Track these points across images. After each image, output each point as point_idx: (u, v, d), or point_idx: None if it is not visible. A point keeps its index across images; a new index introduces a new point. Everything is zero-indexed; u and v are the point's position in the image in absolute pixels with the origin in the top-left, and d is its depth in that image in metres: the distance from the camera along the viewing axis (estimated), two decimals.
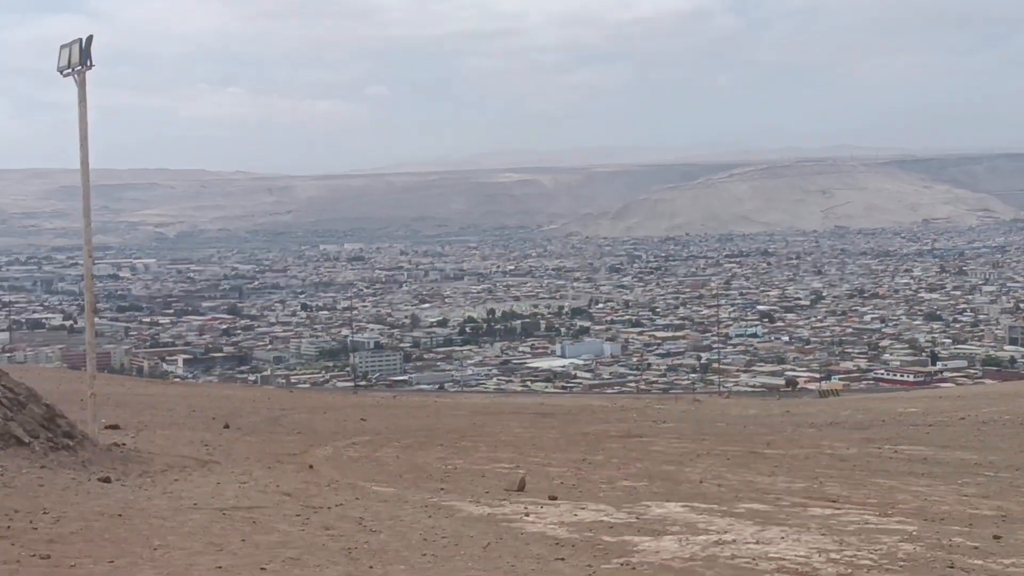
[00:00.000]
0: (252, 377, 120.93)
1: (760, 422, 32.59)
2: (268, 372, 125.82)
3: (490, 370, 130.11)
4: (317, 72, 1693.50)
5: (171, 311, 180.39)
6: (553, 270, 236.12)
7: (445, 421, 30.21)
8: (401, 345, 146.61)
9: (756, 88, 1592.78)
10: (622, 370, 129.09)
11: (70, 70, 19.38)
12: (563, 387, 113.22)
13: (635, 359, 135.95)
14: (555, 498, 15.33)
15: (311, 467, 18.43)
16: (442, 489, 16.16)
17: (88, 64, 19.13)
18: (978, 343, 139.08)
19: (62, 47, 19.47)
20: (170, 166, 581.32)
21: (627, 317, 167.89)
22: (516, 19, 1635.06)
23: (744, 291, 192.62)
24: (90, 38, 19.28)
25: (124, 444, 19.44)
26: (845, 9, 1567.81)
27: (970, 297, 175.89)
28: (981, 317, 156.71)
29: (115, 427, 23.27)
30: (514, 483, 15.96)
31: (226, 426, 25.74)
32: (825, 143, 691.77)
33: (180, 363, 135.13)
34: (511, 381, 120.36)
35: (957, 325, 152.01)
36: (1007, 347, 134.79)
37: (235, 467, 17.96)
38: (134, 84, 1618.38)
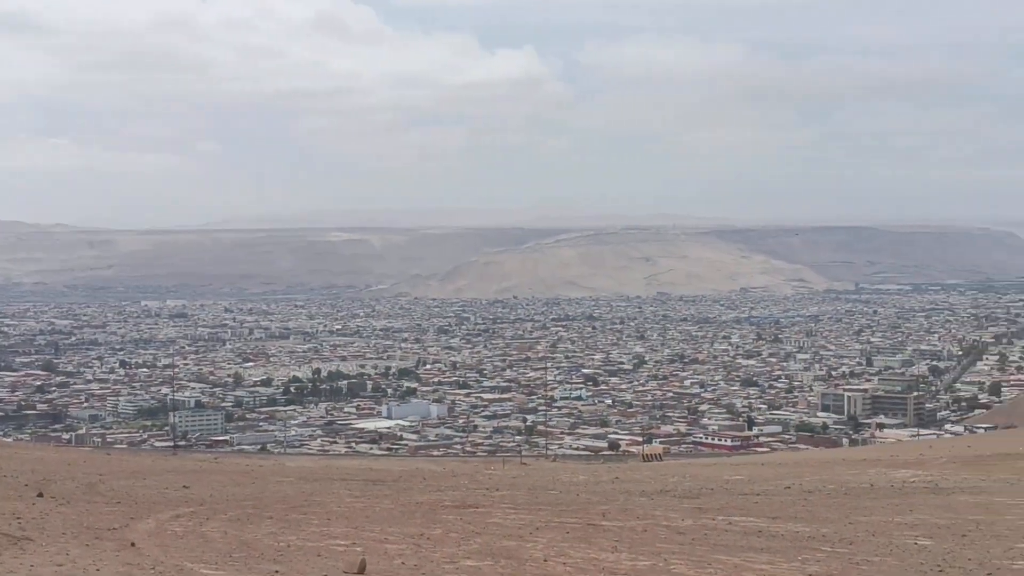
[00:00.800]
0: (66, 436, 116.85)
1: (592, 489, 32.45)
2: (83, 431, 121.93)
3: (314, 431, 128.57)
4: (146, 125, 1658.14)
5: None
6: (381, 330, 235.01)
7: (272, 489, 29.14)
8: (223, 404, 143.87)
9: (585, 155, 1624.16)
10: (448, 432, 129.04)
11: None
12: (389, 449, 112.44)
13: (461, 421, 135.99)
14: None
15: (133, 545, 17.13)
16: (277, 572, 15.16)
17: None
18: (792, 409, 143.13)
19: None
20: None
21: (454, 379, 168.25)
22: (349, 79, 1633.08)
23: (569, 354, 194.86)
24: None
25: None
26: (673, 81, 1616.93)
27: (785, 364, 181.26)
28: (795, 384, 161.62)
29: None
30: (354, 564, 15.06)
31: (39, 494, 24.23)
32: (650, 211, 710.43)
33: None
34: (336, 442, 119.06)
35: (772, 391, 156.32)
36: (820, 413, 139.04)
37: (50, 545, 16.55)
38: None
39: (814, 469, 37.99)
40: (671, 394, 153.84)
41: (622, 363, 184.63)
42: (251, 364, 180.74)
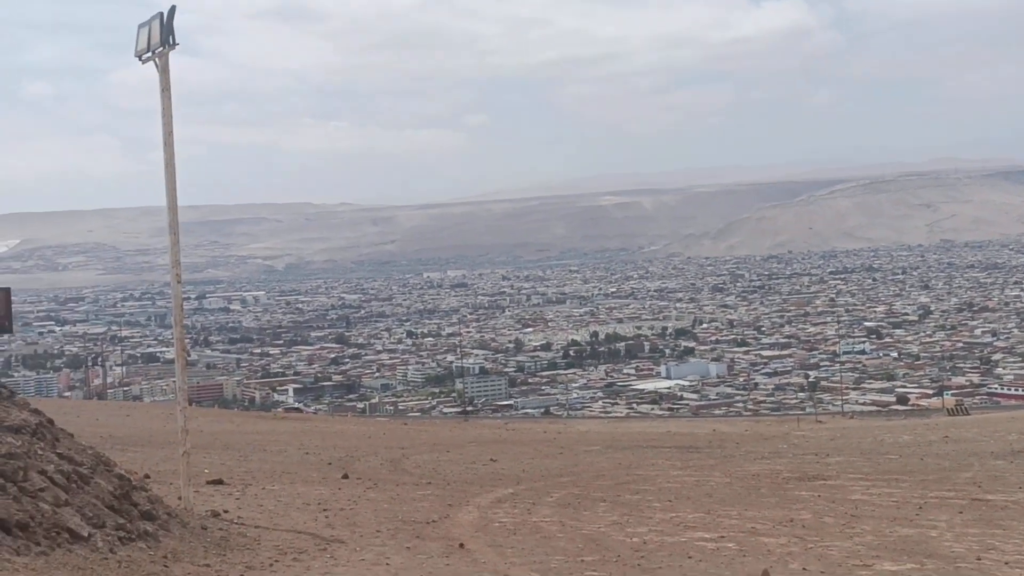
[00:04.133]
0: (360, 405, 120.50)
1: (930, 451, 28.89)
2: (376, 399, 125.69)
3: (595, 393, 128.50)
4: (417, 103, 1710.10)
5: (281, 342, 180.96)
6: (655, 291, 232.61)
7: (584, 460, 26.82)
8: (506, 370, 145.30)
9: (857, 103, 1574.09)
10: (728, 390, 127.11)
11: (150, 53, 15.56)
12: (670, 409, 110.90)
13: (742, 379, 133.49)
14: None
15: (462, 546, 14.15)
16: None
17: (171, 43, 15.48)
18: None
19: (140, 26, 15.70)
20: (276, 200, 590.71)
21: (732, 336, 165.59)
22: (615, 43, 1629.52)
23: (850, 308, 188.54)
24: (172, 10, 15.43)
25: (226, 512, 15.97)
26: (946, 22, 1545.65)
27: None
28: None
29: (219, 482, 20.28)
30: None
31: (344, 476, 22.68)
32: (928, 157, 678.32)
33: (291, 392, 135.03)
34: (616, 404, 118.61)
35: None
36: None
37: (364, 549, 13.77)
38: (239, 120, 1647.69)
39: None
40: (960, 344, 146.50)
41: (906, 314, 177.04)
42: (530, 329, 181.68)
